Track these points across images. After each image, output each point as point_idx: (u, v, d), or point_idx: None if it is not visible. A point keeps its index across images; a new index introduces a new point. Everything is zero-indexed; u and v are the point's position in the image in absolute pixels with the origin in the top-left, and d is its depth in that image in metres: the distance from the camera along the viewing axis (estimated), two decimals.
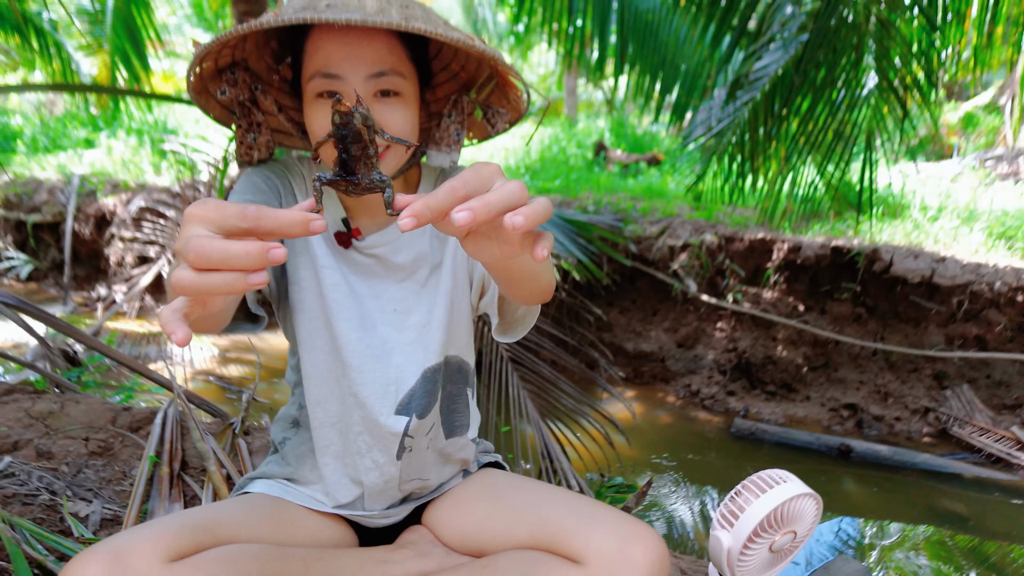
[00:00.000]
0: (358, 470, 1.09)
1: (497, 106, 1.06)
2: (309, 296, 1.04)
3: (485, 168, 0.59)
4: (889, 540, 3.01)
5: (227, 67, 0.96)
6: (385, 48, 0.91)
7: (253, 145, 1.03)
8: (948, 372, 4.15)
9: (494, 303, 1.02)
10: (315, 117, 0.94)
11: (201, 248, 0.53)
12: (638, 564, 0.92)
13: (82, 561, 0.82)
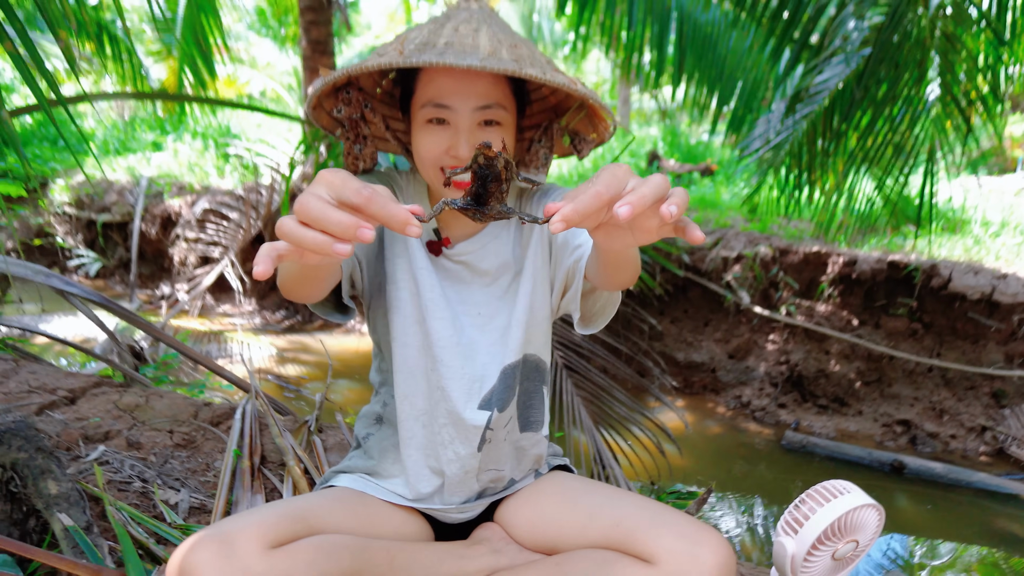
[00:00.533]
0: (440, 461, 1.17)
1: (584, 134, 1.13)
2: (405, 295, 1.13)
3: (619, 169, 0.67)
4: (940, 560, 2.96)
5: (343, 86, 1.05)
6: (491, 83, 1.00)
7: (359, 156, 1.13)
8: (1007, 391, 4.05)
9: (576, 299, 1.09)
10: (423, 141, 1.03)
11: (307, 205, 0.63)
12: (707, 565, 0.98)
13: (193, 545, 0.92)
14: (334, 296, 1.10)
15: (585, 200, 0.64)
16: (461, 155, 1.01)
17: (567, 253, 1.11)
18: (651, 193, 0.63)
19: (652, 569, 1.00)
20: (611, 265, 0.89)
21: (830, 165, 4.08)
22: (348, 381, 4.61)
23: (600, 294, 1.12)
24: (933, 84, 3.58)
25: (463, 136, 1.00)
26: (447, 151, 1.02)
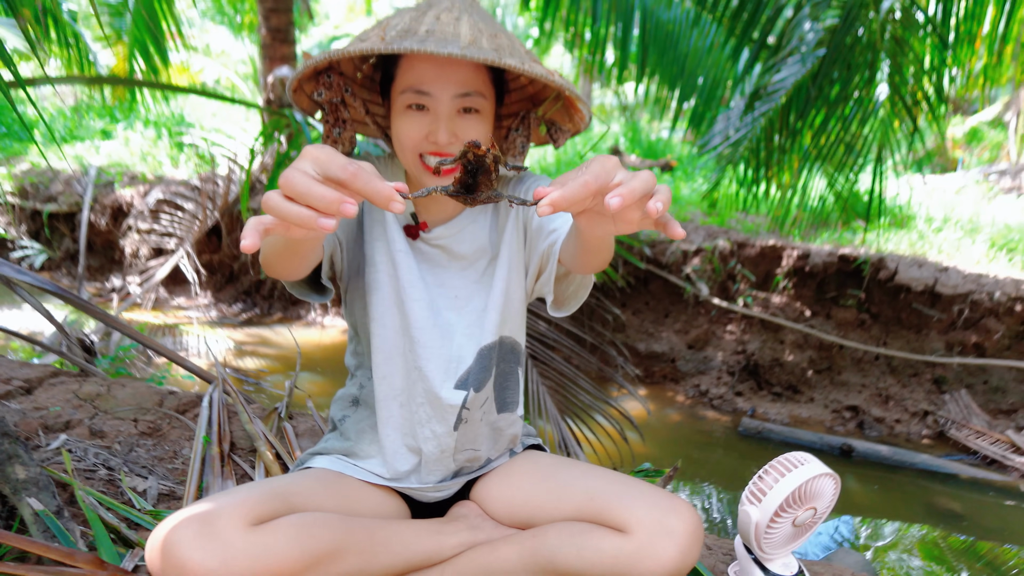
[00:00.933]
0: (417, 439, 1.19)
1: (560, 123, 1.16)
2: (383, 277, 1.15)
3: (608, 161, 0.70)
4: (884, 541, 3.10)
5: (324, 70, 1.06)
6: (471, 72, 1.02)
7: (338, 139, 1.14)
8: (947, 377, 4.25)
9: (550, 283, 1.13)
10: (403, 127, 1.05)
11: (292, 179, 0.65)
12: (678, 533, 1.03)
13: (175, 524, 0.93)
14: (312, 275, 1.11)
15: (574, 188, 0.68)
16: (440, 141, 1.02)
17: (542, 238, 1.14)
18: (640, 188, 0.67)
19: (625, 537, 1.04)
20: (588, 250, 0.93)
21: (786, 162, 4.21)
22: (310, 374, 4.57)
23: (573, 278, 1.15)
24: (882, 85, 3.72)
25: (442, 123, 1.02)
26: (426, 137, 1.04)
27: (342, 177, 0.67)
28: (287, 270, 0.94)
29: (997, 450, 3.76)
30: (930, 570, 2.87)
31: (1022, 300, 4.07)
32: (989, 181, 7.72)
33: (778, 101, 3.70)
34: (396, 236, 1.15)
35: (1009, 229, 5.39)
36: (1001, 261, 4.71)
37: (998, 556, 2.97)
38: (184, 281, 6.03)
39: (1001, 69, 4.45)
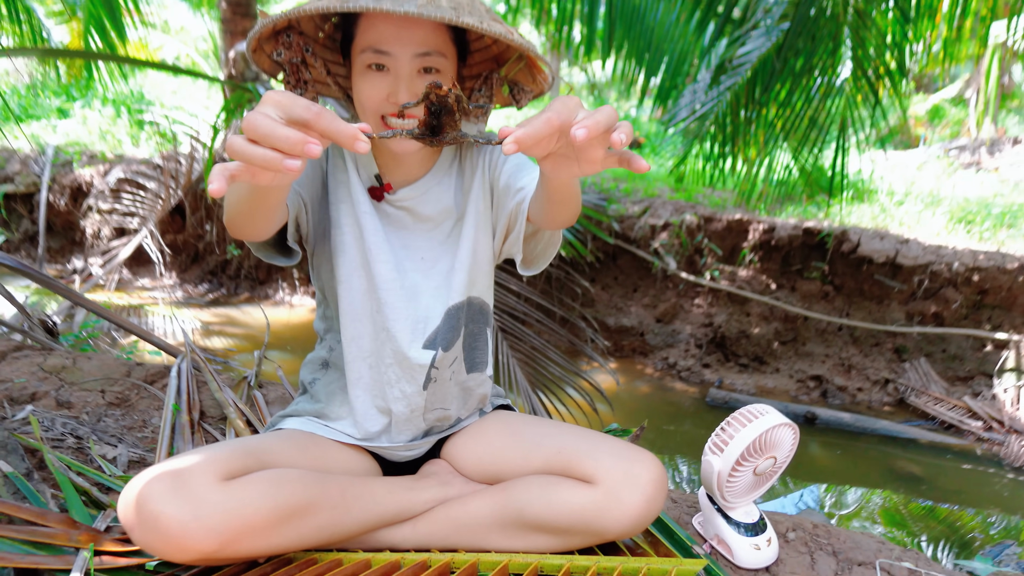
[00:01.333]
0: (387, 400, 1.20)
1: (523, 84, 1.17)
2: (349, 239, 1.15)
3: (570, 100, 0.72)
4: (848, 509, 3.20)
5: (283, 29, 1.05)
6: (431, 31, 1.02)
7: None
8: (907, 346, 4.38)
9: (519, 242, 1.14)
10: (363, 87, 1.04)
11: (256, 122, 0.65)
12: (642, 481, 1.06)
13: (147, 479, 0.93)
14: (278, 238, 1.11)
15: (537, 124, 0.69)
16: (401, 101, 1.01)
17: (509, 196, 1.15)
18: (604, 120, 0.68)
19: (592, 488, 1.07)
20: (555, 200, 0.94)
21: (752, 137, 4.26)
22: (279, 352, 4.54)
23: (542, 236, 1.16)
24: (846, 60, 3.78)
25: (403, 82, 1.01)
26: (387, 98, 1.03)
27: (306, 117, 0.67)
28: (253, 228, 0.94)
29: (954, 415, 3.90)
30: (892, 535, 2.97)
31: (979, 270, 4.20)
32: (949, 156, 7.90)
33: (744, 75, 3.74)
34: (361, 198, 1.14)
35: (968, 202, 5.53)
36: (960, 233, 4.84)
37: (957, 519, 3.08)
38: (148, 261, 5.92)
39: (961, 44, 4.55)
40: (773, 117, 4.08)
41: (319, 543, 1.08)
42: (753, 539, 1.21)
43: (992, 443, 3.70)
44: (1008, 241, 4.62)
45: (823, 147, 4.28)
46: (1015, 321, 4.22)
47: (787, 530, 1.34)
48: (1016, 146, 7.84)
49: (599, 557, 1.13)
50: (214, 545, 0.92)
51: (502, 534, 1.13)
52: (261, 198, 0.86)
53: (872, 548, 1.30)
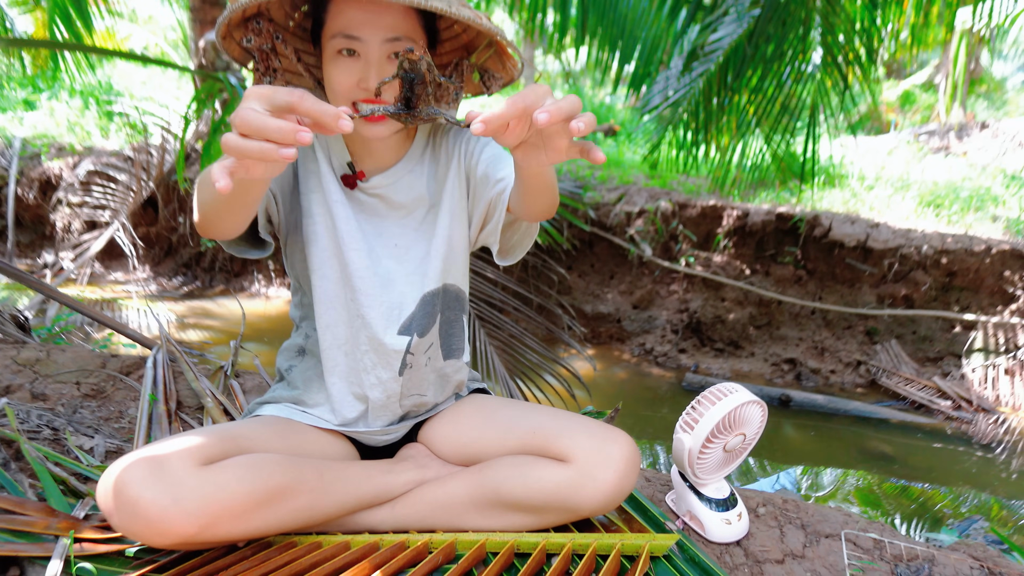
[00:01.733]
0: (363, 386, 1.21)
1: (493, 71, 1.18)
2: (321, 229, 1.16)
3: (538, 88, 0.74)
4: (823, 491, 3.27)
5: (253, 16, 1.05)
6: (401, 16, 1.02)
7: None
8: (878, 328, 4.47)
9: (496, 232, 1.16)
10: (334, 73, 1.04)
11: (246, 117, 0.68)
12: (615, 459, 1.09)
13: (125, 465, 0.94)
14: (249, 232, 1.11)
15: (503, 107, 0.72)
16: (372, 87, 1.02)
17: (488, 187, 1.16)
18: (567, 107, 0.71)
19: (567, 467, 1.10)
20: (531, 190, 0.96)
21: (724, 123, 4.30)
22: (256, 344, 4.52)
23: (518, 226, 1.18)
24: (816, 46, 3.83)
25: (373, 68, 1.01)
26: (358, 84, 1.03)
27: (290, 101, 0.70)
28: (230, 225, 0.94)
29: (924, 395, 3.99)
30: (867, 515, 3.03)
31: (948, 253, 4.29)
32: (919, 141, 8.03)
33: (716, 61, 3.77)
34: (332, 187, 1.15)
35: (937, 186, 5.64)
36: (929, 217, 4.94)
37: (928, 497, 3.15)
38: (121, 255, 5.84)
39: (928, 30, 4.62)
40: (745, 103, 4.12)
41: (298, 526, 1.09)
42: (724, 514, 1.24)
43: (961, 422, 3.80)
44: (975, 224, 4.73)
45: (795, 133, 4.33)
46: (982, 302, 4.32)
47: (757, 505, 1.38)
48: (984, 131, 7.99)
49: (574, 534, 1.16)
50: (193, 529, 0.93)
51: (479, 514, 1.15)
52: (243, 195, 0.87)
53: (839, 520, 1.34)
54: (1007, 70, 11.31)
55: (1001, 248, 4.21)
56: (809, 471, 3.39)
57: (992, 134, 7.79)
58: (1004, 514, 3.02)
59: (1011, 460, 3.46)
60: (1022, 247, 4.19)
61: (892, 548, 1.24)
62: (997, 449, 3.55)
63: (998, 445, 3.59)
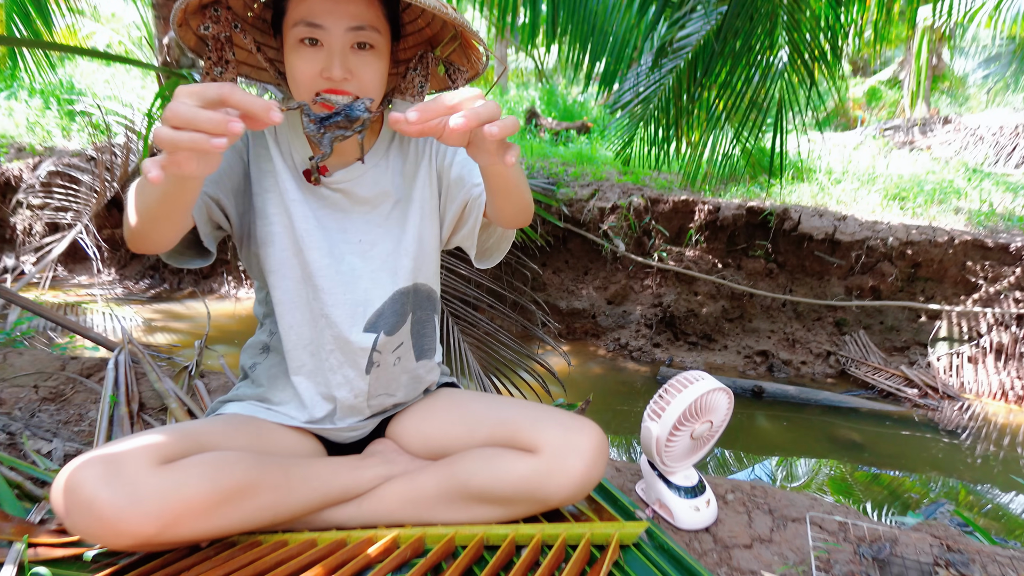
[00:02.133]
0: (330, 386, 1.19)
1: (459, 64, 1.16)
2: (278, 229, 1.13)
3: (469, 92, 0.78)
4: (798, 482, 3.30)
5: (211, 3, 1.02)
6: (364, 4, 1.00)
7: (218, 79, 1.06)
8: (847, 319, 4.54)
9: (474, 235, 1.16)
10: (296, 63, 1.01)
11: (176, 110, 0.68)
12: (583, 449, 1.08)
13: (79, 465, 0.91)
14: (194, 240, 1.08)
15: (435, 103, 0.76)
16: (335, 76, 0.99)
17: (463, 188, 1.16)
18: (485, 113, 0.76)
19: (535, 457, 1.09)
20: (494, 192, 0.99)
21: (695, 119, 4.33)
22: (225, 346, 4.45)
23: (494, 229, 1.18)
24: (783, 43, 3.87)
25: (336, 57, 0.99)
26: (320, 73, 1.00)
27: (221, 94, 0.70)
28: (163, 231, 0.91)
29: (892, 384, 4.06)
30: (840, 503, 3.07)
31: (913, 245, 4.37)
32: (885, 136, 8.17)
33: (685, 57, 3.79)
34: (289, 186, 1.12)
35: (902, 179, 5.74)
36: (894, 210, 5.02)
37: (898, 484, 3.20)
38: (85, 258, 5.72)
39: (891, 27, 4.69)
40: (715, 99, 4.15)
41: (262, 525, 1.07)
42: (692, 501, 1.25)
43: (928, 409, 3.87)
44: (939, 216, 4.82)
45: (764, 129, 4.38)
46: (947, 292, 4.41)
47: (726, 492, 1.39)
48: (946, 125, 8.15)
49: (543, 525, 1.15)
50: (152, 529, 0.91)
51: (448, 507, 1.14)
52: (178, 194, 0.85)
53: (805, 504, 1.35)
54: (968, 67, 11.56)
55: (964, 239, 4.29)
56: (784, 462, 3.42)
57: (954, 129, 7.96)
58: (970, 498, 3.08)
59: (976, 445, 3.53)
60: (984, 238, 4.28)
61: (856, 530, 1.25)
62: (962, 435, 3.62)
63: (963, 431, 3.66)
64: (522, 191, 1.02)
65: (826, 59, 4.00)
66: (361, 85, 1.01)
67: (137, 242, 0.93)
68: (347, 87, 1.01)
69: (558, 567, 1.08)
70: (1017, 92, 9.35)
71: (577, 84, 9.87)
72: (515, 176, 0.97)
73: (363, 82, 1.01)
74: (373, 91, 1.03)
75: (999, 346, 4.16)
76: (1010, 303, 4.20)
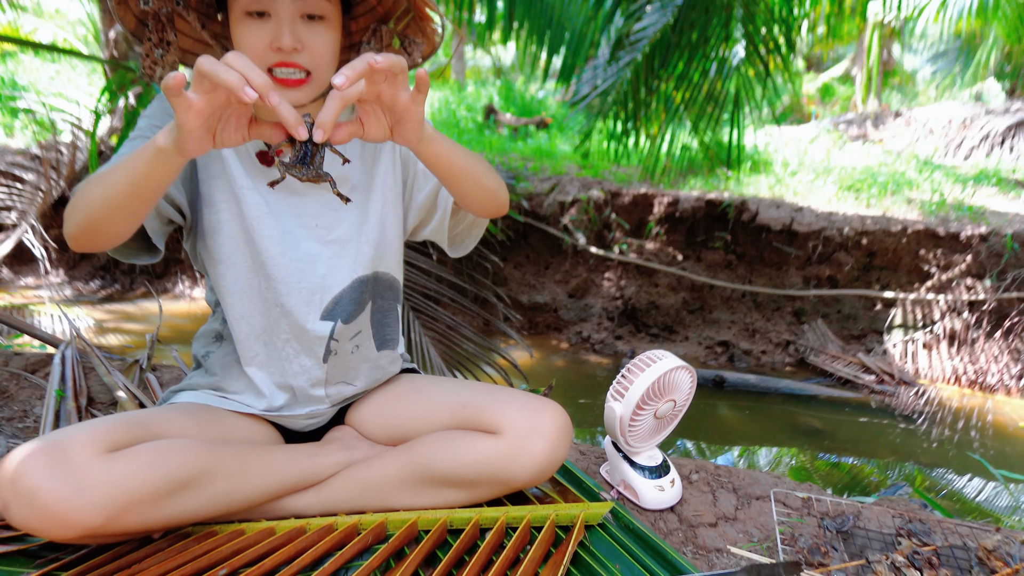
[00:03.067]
0: (286, 375, 1.16)
1: (414, 37, 1.13)
2: (226, 216, 1.08)
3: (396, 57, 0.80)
4: (761, 471, 3.34)
5: None
6: None
7: (159, 61, 1.02)
8: (805, 309, 4.62)
9: (443, 228, 1.16)
10: (244, 37, 0.96)
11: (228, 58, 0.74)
12: (546, 430, 1.07)
13: (22, 455, 0.87)
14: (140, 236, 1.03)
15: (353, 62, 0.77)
16: (285, 45, 0.94)
17: (431, 179, 1.15)
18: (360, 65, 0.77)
19: (498, 439, 1.07)
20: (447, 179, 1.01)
21: (653, 112, 4.37)
22: (180, 346, 4.33)
23: (463, 215, 1.17)
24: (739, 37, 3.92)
25: (285, 26, 0.95)
26: (270, 44, 0.96)
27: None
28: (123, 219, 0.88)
29: (850, 371, 4.14)
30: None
31: (867, 234, 4.47)
32: (839, 130, 8.35)
33: (642, 50, 3.82)
34: (238, 172, 1.07)
35: (856, 171, 5.88)
36: (849, 200, 5.13)
37: (858, 474, 3.26)
38: (31, 259, 5.52)
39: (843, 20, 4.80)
40: (672, 91, 4.20)
41: (217, 514, 1.04)
42: (657, 481, 1.24)
43: (884, 395, 3.96)
44: (892, 206, 4.94)
45: (721, 123, 4.44)
46: (901, 280, 4.52)
47: (690, 472, 1.39)
48: (898, 119, 8.37)
49: (508, 507, 1.14)
50: (99, 520, 0.87)
51: (409, 492, 1.12)
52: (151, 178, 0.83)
53: (768, 483, 1.36)
54: (917, 63, 11.90)
55: (916, 228, 4.41)
56: (746, 451, 3.47)
57: (905, 122, 8.18)
58: (927, 482, 3.15)
59: (931, 430, 3.62)
60: (936, 227, 4.40)
61: (820, 505, 1.27)
62: (918, 420, 3.71)
63: (919, 416, 3.75)
64: (475, 175, 1.01)
65: (781, 51, 4.07)
66: (312, 57, 0.98)
67: (83, 238, 0.89)
68: (298, 59, 0.97)
69: (523, 549, 1.06)
70: (964, 87, 9.66)
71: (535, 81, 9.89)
72: (456, 159, 0.98)
73: (314, 54, 0.98)
74: (325, 64, 1.00)
75: (952, 332, 4.29)
76: (962, 290, 4.33)
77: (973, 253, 4.31)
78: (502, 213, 1.12)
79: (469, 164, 1.00)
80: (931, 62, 11.23)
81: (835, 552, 1.12)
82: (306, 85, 0.99)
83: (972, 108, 7.84)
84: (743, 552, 1.13)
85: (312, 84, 1.00)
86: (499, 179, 1.09)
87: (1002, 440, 3.53)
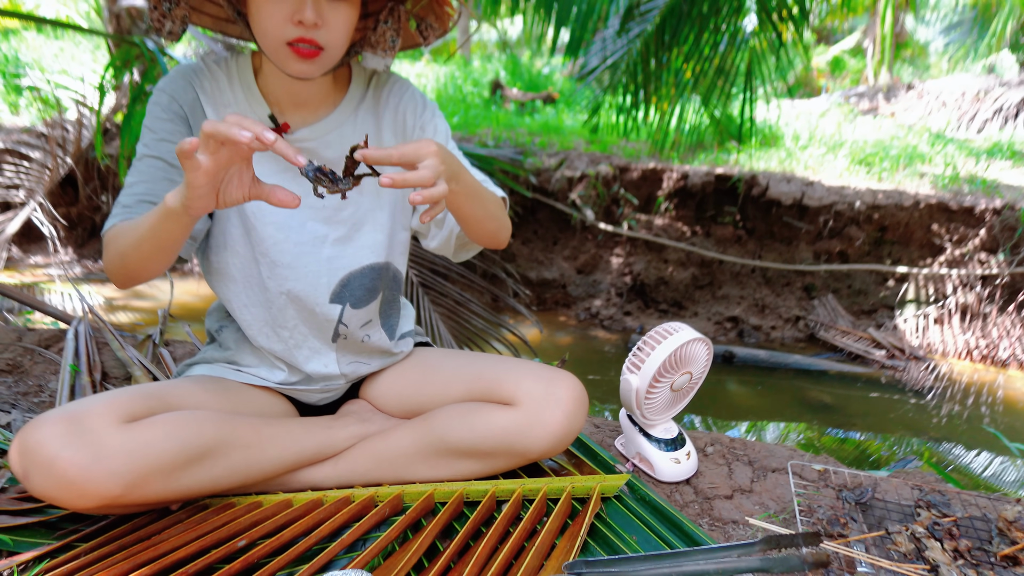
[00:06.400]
0: (297, 360, 1.15)
1: (430, 20, 1.12)
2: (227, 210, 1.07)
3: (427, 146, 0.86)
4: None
5: None
6: None
7: (167, 15, 0.99)
8: (816, 284, 4.60)
9: (448, 248, 1.18)
10: (263, 7, 0.93)
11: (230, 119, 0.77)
12: (563, 400, 1.06)
13: (40, 423, 0.87)
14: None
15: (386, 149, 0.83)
16: (307, 19, 0.91)
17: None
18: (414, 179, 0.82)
19: (513, 410, 1.07)
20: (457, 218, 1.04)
21: (663, 85, 4.31)
22: (191, 323, 4.34)
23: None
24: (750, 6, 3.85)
25: (310, 1, 0.91)
26: (290, 17, 0.92)
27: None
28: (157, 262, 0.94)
29: (860, 346, 4.13)
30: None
31: (879, 209, 4.42)
32: (850, 103, 8.24)
33: (652, 21, 3.75)
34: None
35: (867, 145, 5.80)
36: (860, 174, 5.07)
37: (868, 445, 3.26)
38: (40, 237, 5.53)
39: None
40: (682, 65, 4.13)
41: (233, 485, 1.04)
42: (673, 453, 1.24)
43: (895, 370, 3.94)
44: (904, 180, 4.88)
45: (731, 96, 4.37)
46: (912, 255, 4.48)
47: (706, 445, 1.38)
48: (910, 92, 8.25)
49: (524, 479, 1.14)
50: (117, 489, 0.87)
51: (425, 464, 1.12)
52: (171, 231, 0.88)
53: (785, 456, 1.36)
54: (929, 35, 11.70)
55: (928, 202, 4.36)
56: (755, 426, 3.47)
57: (917, 95, 8.06)
58: (937, 457, 3.15)
59: (941, 405, 3.61)
60: (948, 201, 4.35)
61: (837, 477, 1.26)
62: (928, 395, 3.70)
63: (929, 391, 3.74)
64: (482, 220, 1.05)
65: (794, 18, 3.99)
66: (330, 34, 0.95)
67: (128, 283, 0.98)
68: (317, 35, 0.94)
69: (540, 520, 1.07)
70: (977, 59, 9.49)
71: (541, 56, 9.77)
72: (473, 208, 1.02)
73: (333, 31, 0.95)
74: (341, 40, 0.98)
75: (964, 307, 4.26)
76: (974, 264, 4.29)
77: (986, 227, 4.26)
78: (500, 248, 1.17)
79: (482, 215, 1.04)
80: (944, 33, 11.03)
81: (854, 523, 1.12)
82: (317, 59, 0.97)
83: (986, 80, 7.71)
84: (761, 523, 1.13)
85: (323, 59, 0.97)
86: (505, 218, 1.14)
87: (1013, 415, 3.51)
